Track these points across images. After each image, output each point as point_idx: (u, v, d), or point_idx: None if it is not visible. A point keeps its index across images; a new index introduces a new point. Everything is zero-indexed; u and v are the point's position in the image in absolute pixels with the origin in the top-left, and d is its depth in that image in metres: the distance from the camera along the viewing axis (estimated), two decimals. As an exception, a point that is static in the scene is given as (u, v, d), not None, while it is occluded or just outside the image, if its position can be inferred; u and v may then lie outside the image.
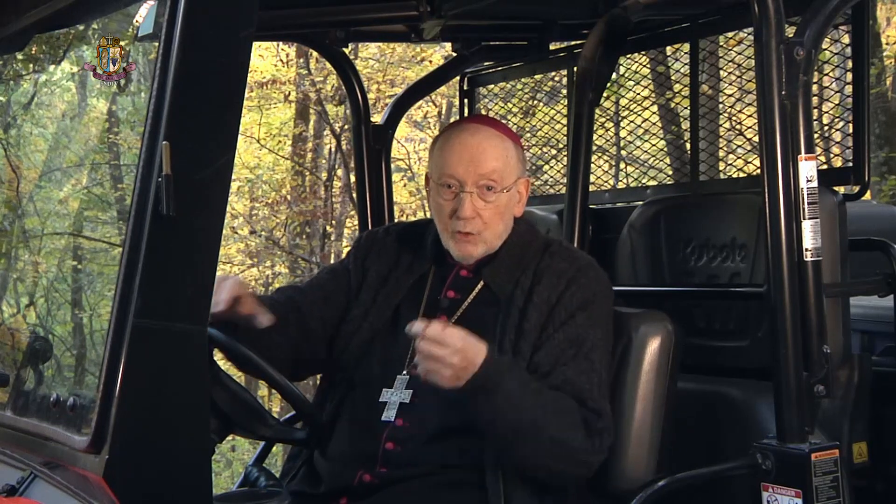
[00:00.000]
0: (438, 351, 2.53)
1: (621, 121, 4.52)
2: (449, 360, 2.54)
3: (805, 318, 2.74)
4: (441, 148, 2.89)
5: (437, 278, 2.94)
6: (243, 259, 14.89)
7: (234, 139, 2.11)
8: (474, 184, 2.82)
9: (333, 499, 2.80)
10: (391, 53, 13.19)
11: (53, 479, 2.26)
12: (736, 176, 3.97)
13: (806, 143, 2.74)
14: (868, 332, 3.86)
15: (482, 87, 4.51)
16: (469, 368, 2.55)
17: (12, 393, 2.66)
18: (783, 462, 2.70)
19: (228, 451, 14.58)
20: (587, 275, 2.86)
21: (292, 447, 3.08)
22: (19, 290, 3.42)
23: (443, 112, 14.13)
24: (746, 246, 3.32)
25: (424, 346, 2.54)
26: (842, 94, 3.42)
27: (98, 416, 2.01)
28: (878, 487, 3.28)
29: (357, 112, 4.06)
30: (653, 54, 4.22)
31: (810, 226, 2.73)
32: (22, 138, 3.94)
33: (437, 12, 3.56)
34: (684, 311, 3.31)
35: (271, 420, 2.87)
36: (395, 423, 2.78)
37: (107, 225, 4.77)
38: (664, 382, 2.95)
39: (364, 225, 4.09)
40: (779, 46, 2.71)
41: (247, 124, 13.68)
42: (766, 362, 2.82)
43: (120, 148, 5.99)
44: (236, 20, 2.08)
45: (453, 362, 2.54)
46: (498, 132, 2.90)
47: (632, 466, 2.91)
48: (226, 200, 2.11)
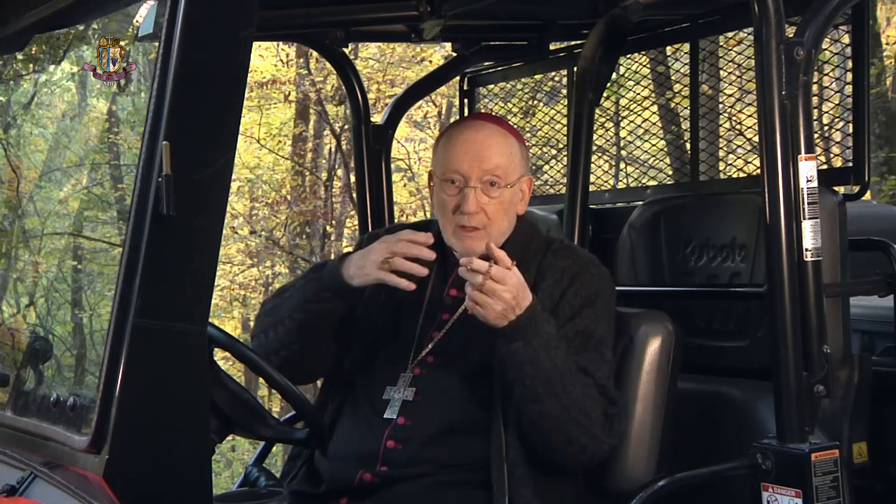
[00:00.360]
0: (498, 286, 2.58)
1: (621, 121, 4.52)
2: (503, 295, 2.58)
3: (805, 318, 2.74)
4: (445, 144, 2.89)
5: (440, 276, 2.95)
6: (243, 259, 14.90)
7: (234, 139, 2.11)
8: (478, 179, 2.82)
9: (334, 498, 2.80)
10: (391, 53, 13.19)
11: (53, 479, 2.26)
12: (736, 176, 3.97)
13: (806, 143, 2.74)
14: (868, 332, 3.86)
15: (482, 87, 4.51)
16: (516, 309, 2.61)
17: (12, 393, 2.66)
18: (783, 462, 2.70)
19: (228, 451, 14.58)
20: (590, 271, 2.87)
21: (293, 447, 3.08)
22: (19, 290, 3.42)
23: (443, 112, 14.13)
24: (746, 246, 3.32)
25: (487, 284, 2.58)
26: (842, 94, 3.41)
27: (98, 416, 2.02)
28: (878, 487, 3.28)
29: (357, 112, 4.06)
30: (653, 54, 4.22)
31: (810, 226, 2.73)
32: (22, 138, 3.94)
33: (437, 12, 3.56)
34: (684, 311, 3.31)
35: (271, 420, 2.87)
36: (396, 421, 2.78)
37: (107, 225, 4.77)
38: (664, 382, 2.95)
39: (364, 225, 4.09)
40: (779, 46, 2.71)
41: (247, 124, 13.68)
42: (766, 362, 2.82)
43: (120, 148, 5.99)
44: (236, 20, 2.08)
45: (506, 298, 2.59)
46: (502, 129, 2.91)
47: (632, 466, 2.92)
48: (226, 200, 2.12)
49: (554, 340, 2.66)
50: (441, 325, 2.88)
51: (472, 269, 2.60)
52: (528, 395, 2.66)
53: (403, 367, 2.86)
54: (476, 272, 2.59)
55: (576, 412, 2.66)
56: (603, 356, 2.78)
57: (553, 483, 2.76)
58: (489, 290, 2.59)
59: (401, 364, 2.87)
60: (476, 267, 2.60)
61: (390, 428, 2.78)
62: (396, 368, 2.87)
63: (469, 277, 2.61)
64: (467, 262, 2.62)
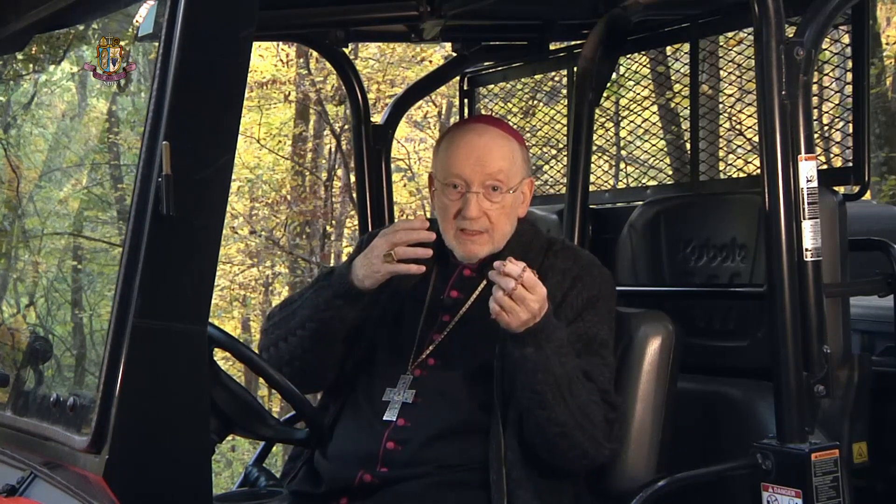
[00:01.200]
0: (528, 295, 2.56)
1: (621, 121, 4.52)
2: (531, 305, 2.57)
3: (805, 318, 2.74)
4: (447, 148, 2.88)
5: (440, 278, 2.94)
6: (243, 259, 14.90)
7: (234, 139, 2.11)
8: (481, 184, 2.82)
9: (334, 499, 2.80)
10: (391, 53, 13.19)
11: (53, 479, 2.26)
12: (736, 176, 3.97)
13: (806, 143, 2.74)
14: (868, 332, 3.86)
15: (482, 87, 4.51)
16: (536, 317, 2.59)
17: (12, 393, 2.66)
18: (783, 462, 2.70)
19: (228, 451, 14.58)
20: (591, 273, 2.87)
21: (293, 448, 3.08)
22: (19, 290, 3.42)
23: (443, 112, 14.13)
24: (746, 246, 3.32)
25: (518, 291, 2.55)
26: (842, 94, 3.41)
27: (98, 416, 2.02)
28: (878, 487, 3.28)
29: (357, 112, 4.06)
30: (653, 54, 4.22)
31: (810, 226, 2.73)
32: (22, 138, 3.94)
33: (437, 12, 3.56)
34: (684, 311, 3.31)
35: (271, 420, 2.88)
36: (396, 422, 2.78)
37: (107, 225, 4.77)
38: (664, 382, 2.95)
39: (364, 225, 4.09)
40: (779, 46, 2.71)
41: (247, 124, 13.69)
42: (766, 362, 2.82)
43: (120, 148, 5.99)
44: (236, 20, 2.08)
45: (533, 308, 2.58)
46: (504, 132, 2.90)
47: (632, 466, 2.92)
48: (226, 200, 2.12)
49: (565, 346, 2.66)
50: (442, 328, 2.88)
51: (504, 272, 2.57)
52: (537, 400, 2.64)
53: (403, 369, 2.86)
54: (508, 276, 2.56)
55: (581, 418, 2.66)
56: (604, 360, 2.78)
57: (552, 484, 2.76)
58: (519, 297, 2.55)
59: (401, 366, 2.87)
60: (509, 271, 2.56)
61: (390, 429, 2.78)
62: (396, 370, 2.86)
63: (500, 281, 2.56)
64: (500, 266, 2.58)
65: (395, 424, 2.78)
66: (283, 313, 2.92)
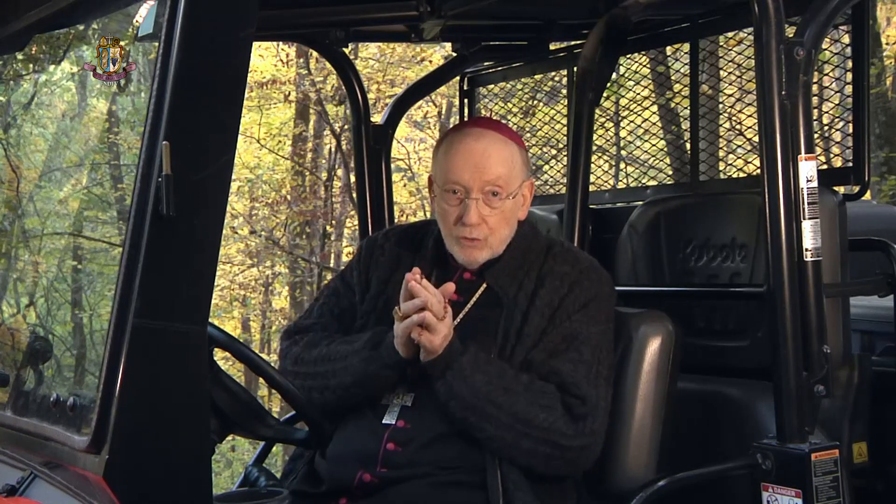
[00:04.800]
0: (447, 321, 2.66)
1: (621, 121, 4.52)
2: (445, 330, 2.66)
3: (805, 319, 2.74)
4: (445, 153, 2.87)
5: (440, 281, 2.94)
6: (243, 259, 14.91)
7: (234, 139, 2.11)
8: (480, 190, 2.81)
9: (333, 499, 2.80)
10: (391, 53, 13.20)
11: (53, 479, 2.26)
12: (736, 176, 3.97)
13: (806, 143, 2.74)
14: (868, 332, 3.86)
15: (482, 87, 4.51)
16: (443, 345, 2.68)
17: (12, 393, 2.66)
18: (783, 462, 2.70)
19: (228, 451, 14.58)
20: (589, 277, 2.86)
21: (294, 448, 3.08)
22: (19, 290, 3.42)
23: (443, 112, 14.14)
24: (746, 246, 3.32)
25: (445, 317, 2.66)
26: (842, 94, 3.41)
27: (98, 416, 2.02)
28: (878, 487, 3.28)
29: (357, 112, 4.06)
30: (653, 54, 4.22)
31: (810, 226, 2.73)
32: (22, 138, 3.94)
33: (437, 12, 3.56)
34: (684, 311, 3.30)
35: (271, 420, 2.87)
36: (396, 424, 2.78)
37: (107, 225, 4.77)
38: (664, 382, 2.95)
39: (364, 225, 4.09)
40: (779, 46, 2.71)
41: (247, 124, 13.69)
42: (766, 362, 2.82)
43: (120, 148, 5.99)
44: (236, 20, 2.08)
45: (446, 333, 2.66)
46: (502, 136, 2.89)
47: (632, 466, 2.92)
48: (226, 200, 2.12)
49: (468, 368, 2.67)
50: (441, 331, 2.88)
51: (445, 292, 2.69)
52: (466, 426, 2.69)
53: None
54: None
55: (523, 426, 2.67)
56: (581, 356, 2.76)
57: (550, 485, 2.76)
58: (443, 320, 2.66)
59: (400, 369, 2.86)
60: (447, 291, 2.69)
61: (390, 431, 2.78)
62: (396, 373, 2.86)
63: None
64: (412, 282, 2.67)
65: (395, 426, 2.78)
66: (321, 368, 2.89)
